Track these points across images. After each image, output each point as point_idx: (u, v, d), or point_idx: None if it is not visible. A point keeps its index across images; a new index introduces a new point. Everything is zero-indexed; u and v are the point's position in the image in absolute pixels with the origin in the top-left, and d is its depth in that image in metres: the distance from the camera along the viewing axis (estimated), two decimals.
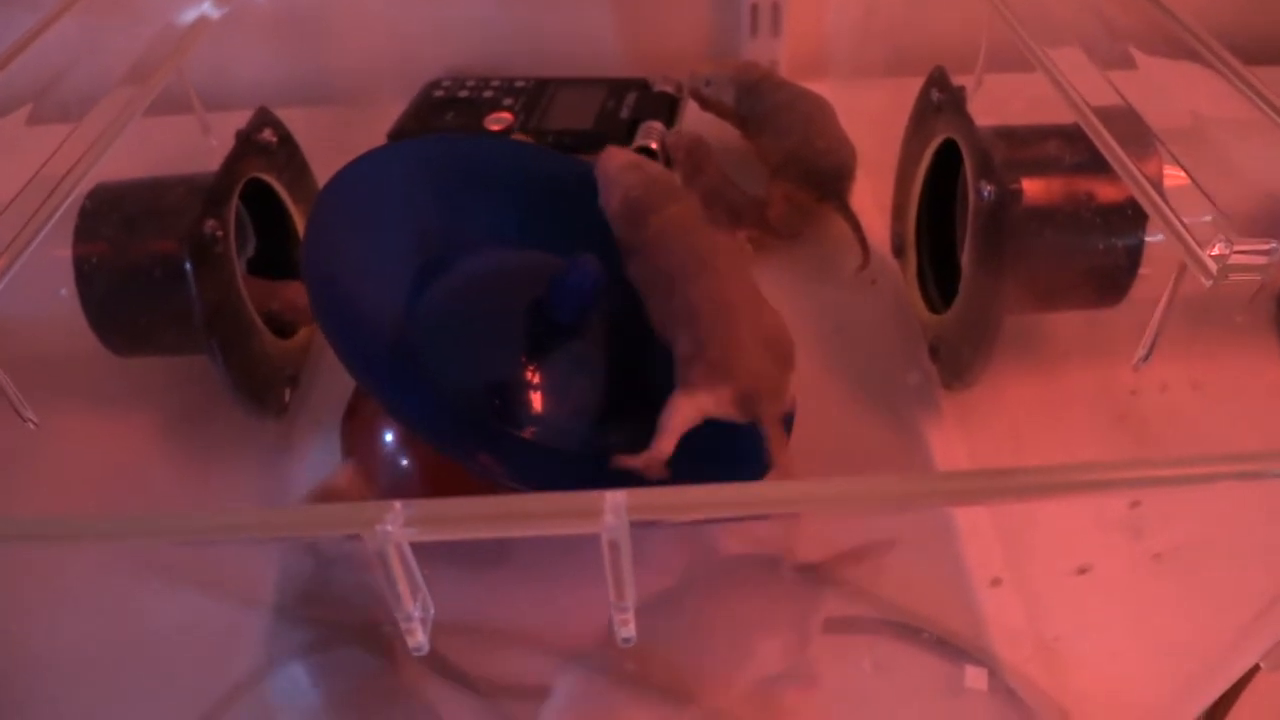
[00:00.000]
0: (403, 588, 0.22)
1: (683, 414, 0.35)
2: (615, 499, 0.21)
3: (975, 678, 0.35)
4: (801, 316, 0.49)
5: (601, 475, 0.38)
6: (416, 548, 0.23)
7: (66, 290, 0.41)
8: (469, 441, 0.37)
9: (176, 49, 0.45)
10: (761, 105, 0.56)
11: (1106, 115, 0.34)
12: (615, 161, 0.43)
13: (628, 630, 0.23)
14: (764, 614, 0.35)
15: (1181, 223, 0.30)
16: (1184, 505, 0.25)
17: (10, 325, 0.34)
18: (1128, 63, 0.36)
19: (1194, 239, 0.29)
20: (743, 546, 0.36)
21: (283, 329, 0.47)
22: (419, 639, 0.23)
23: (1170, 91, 0.35)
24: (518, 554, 0.38)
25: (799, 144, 0.53)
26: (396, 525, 0.22)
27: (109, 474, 0.43)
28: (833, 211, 0.53)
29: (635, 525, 0.21)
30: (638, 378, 0.41)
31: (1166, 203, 0.31)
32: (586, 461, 0.39)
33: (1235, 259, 0.28)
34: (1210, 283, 0.28)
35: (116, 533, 0.24)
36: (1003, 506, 0.31)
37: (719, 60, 0.59)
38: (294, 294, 0.47)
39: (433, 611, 0.24)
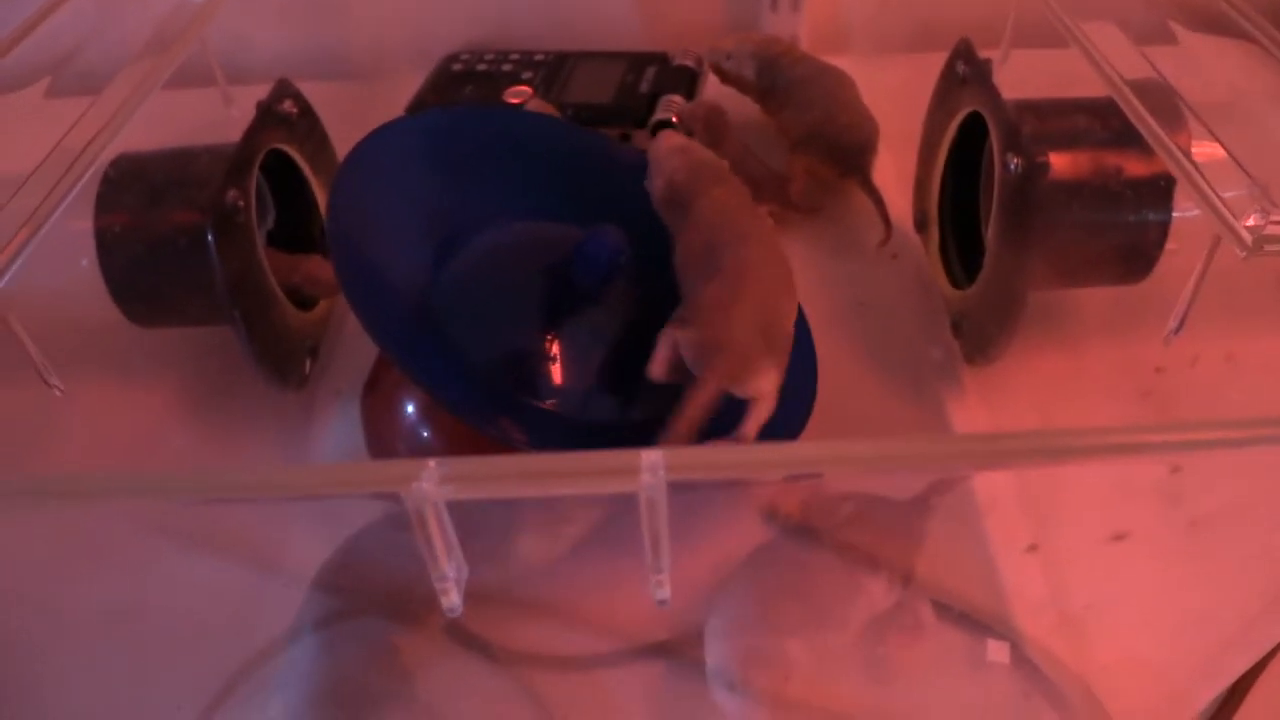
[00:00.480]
0: (439, 547, 0.22)
1: (660, 346, 0.35)
2: (652, 457, 0.21)
3: (997, 651, 0.35)
4: (823, 291, 0.49)
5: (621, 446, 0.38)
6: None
7: (88, 261, 0.41)
8: (490, 410, 0.37)
9: (196, 20, 0.45)
10: (783, 80, 0.56)
11: (1140, 88, 0.34)
12: (665, 145, 0.42)
13: (663, 592, 0.23)
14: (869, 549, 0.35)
15: (1216, 194, 0.29)
16: (1223, 471, 0.25)
17: (34, 295, 0.34)
18: (1166, 37, 0.36)
19: (1229, 210, 0.29)
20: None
21: (303, 301, 0.47)
22: (453, 599, 0.23)
23: (1207, 65, 0.35)
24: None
25: (821, 119, 0.53)
26: (432, 483, 0.22)
27: (131, 442, 0.43)
28: (855, 186, 0.53)
29: (673, 486, 0.21)
30: None
31: (1201, 174, 0.30)
32: (608, 433, 0.39)
33: (1271, 229, 0.28)
34: (1245, 254, 0.28)
35: (143, 490, 0.24)
36: (1040, 471, 0.31)
37: (739, 34, 0.59)
38: (315, 267, 0.46)
39: (466, 572, 0.24)
